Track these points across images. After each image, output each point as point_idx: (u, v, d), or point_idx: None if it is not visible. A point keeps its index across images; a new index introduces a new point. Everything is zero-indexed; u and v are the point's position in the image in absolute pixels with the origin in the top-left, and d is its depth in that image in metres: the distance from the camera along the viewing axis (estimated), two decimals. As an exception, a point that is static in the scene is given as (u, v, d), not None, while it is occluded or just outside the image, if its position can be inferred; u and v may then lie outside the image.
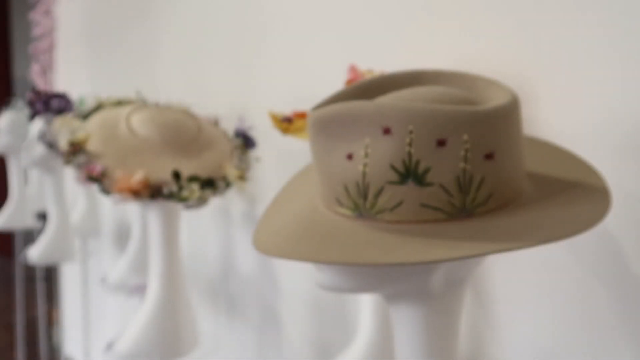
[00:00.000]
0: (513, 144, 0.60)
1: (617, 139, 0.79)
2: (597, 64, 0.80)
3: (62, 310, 2.75)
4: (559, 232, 0.55)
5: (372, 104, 0.57)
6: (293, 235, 0.62)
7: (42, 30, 3.65)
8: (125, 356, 1.29)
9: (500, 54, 0.93)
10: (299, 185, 0.76)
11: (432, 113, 0.55)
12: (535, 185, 0.64)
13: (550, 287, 0.89)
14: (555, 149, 0.75)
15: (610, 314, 0.82)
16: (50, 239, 2.19)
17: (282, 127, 1.04)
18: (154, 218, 1.32)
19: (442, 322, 0.65)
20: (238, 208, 1.71)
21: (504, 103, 0.58)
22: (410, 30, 1.09)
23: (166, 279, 1.33)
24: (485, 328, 0.99)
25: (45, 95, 2.03)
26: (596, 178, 0.66)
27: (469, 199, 0.57)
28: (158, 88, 2.07)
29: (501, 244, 0.55)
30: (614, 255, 0.81)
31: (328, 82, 1.13)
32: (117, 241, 2.63)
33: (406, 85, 0.67)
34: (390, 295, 0.66)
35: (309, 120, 0.61)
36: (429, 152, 0.56)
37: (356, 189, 0.59)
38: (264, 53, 1.54)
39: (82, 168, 1.19)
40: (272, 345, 1.61)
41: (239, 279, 1.74)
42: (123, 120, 1.29)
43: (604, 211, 0.58)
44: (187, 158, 1.28)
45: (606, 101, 0.80)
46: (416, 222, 0.58)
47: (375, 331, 1.03)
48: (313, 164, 0.64)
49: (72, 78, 3.26)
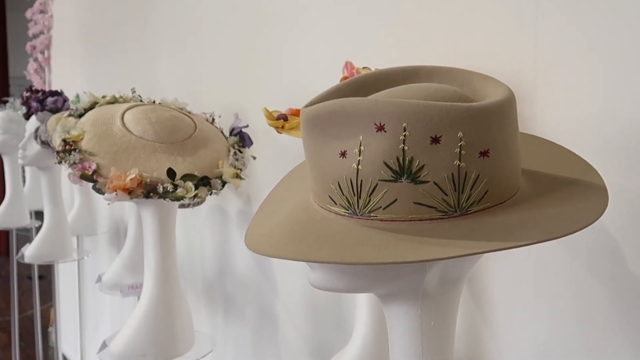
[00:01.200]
0: (509, 141, 0.59)
1: (613, 136, 0.78)
2: (594, 61, 0.79)
3: (58, 309, 2.74)
4: (555, 230, 0.54)
5: (365, 101, 0.56)
6: (285, 234, 0.61)
7: (38, 29, 3.64)
8: (119, 356, 1.28)
9: (497, 51, 0.92)
10: (293, 183, 0.75)
11: (427, 109, 0.54)
12: (532, 183, 0.63)
13: (547, 286, 0.88)
14: (552, 147, 0.74)
15: (608, 313, 0.81)
16: (46, 238, 2.19)
17: (277, 125, 1.03)
18: (148, 217, 1.31)
19: (436, 321, 0.64)
20: (234, 207, 1.71)
21: (499, 99, 0.58)
22: (406, 27, 1.08)
23: (161, 279, 1.32)
24: (482, 327, 0.98)
25: (40, 93, 2.02)
26: (593, 175, 0.65)
27: (463, 196, 0.56)
28: (154, 86, 2.06)
29: (496, 243, 0.54)
30: (610, 253, 0.80)
31: (324, 80, 1.12)
32: (113, 240, 2.62)
33: (401, 81, 0.66)
34: (385, 294, 0.65)
35: (302, 116, 0.60)
36: (423, 149, 0.55)
37: (349, 187, 0.58)
38: (260, 51, 1.53)
39: (75, 166, 1.18)
40: (268, 344, 1.60)
41: (235, 278, 1.73)
42: (117, 118, 1.28)
43: (602, 209, 0.58)
44: (182, 156, 1.27)
45: (603, 99, 0.79)
46: (410, 220, 0.57)
47: (372, 331, 1.03)
48: (306, 161, 0.63)
49: (69, 76, 3.25)
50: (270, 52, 1.49)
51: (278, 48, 1.46)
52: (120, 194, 1.16)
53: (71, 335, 3.16)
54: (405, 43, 1.09)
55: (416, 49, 1.06)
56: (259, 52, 1.53)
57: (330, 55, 1.27)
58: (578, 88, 0.82)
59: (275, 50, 1.47)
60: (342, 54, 1.17)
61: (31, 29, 3.68)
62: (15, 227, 2.76)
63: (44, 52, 3.64)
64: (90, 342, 2.84)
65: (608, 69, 0.78)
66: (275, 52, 1.47)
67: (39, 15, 3.62)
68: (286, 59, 1.43)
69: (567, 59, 0.82)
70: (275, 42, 1.47)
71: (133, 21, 2.33)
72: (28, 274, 3.05)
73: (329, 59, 1.27)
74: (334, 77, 1.12)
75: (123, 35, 2.46)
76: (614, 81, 0.78)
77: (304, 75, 1.37)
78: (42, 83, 3.64)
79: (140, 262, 1.57)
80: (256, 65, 1.54)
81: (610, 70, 0.78)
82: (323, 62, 1.30)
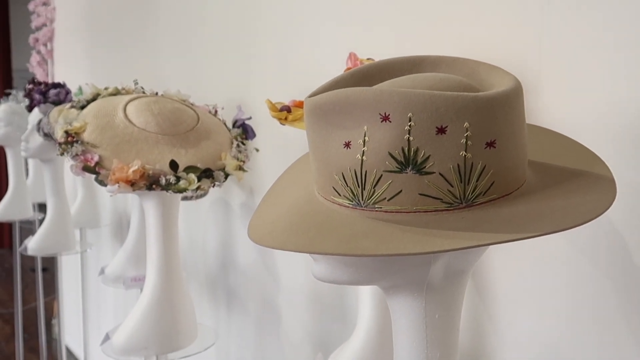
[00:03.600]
0: (515, 132, 0.58)
1: (620, 128, 0.77)
2: (600, 52, 0.78)
3: (61, 301, 2.75)
4: (562, 222, 0.53)
5: (370, 90, 0.55)
6: (288, 226, 0.60)
7: (41, 21, 3.63)
8: (122, 349, 1.27)
9: (503, 42, 0.91)
10: (296, 174, 0.74)
11: (432, 99, 0.53)
12: (538, 174, 0.62)
13: (552, 280, 0.87)
14: (559, 138, 0.73)
15: (613, 306, 0.80)
16: (49, 230, 2.18)
17: (280, 117, 1.02)
18: (151, 209, 1.30)
19: (441, 314, 0.64)
20: (237, 199, 1.70)
21: (506, 89, 0.57)
22: (411, 17, 1.07)
23: (163, 271, 1.32)
24: (486, 321, 0.98)
25: (43, 85, 2.02)
26: (601, 167, 0.64)
27: (469, 188, 0.55)
28: (157, 78, 2.06)
29: (502, 235, 0.53)
30: (617, 247, 0.79)
31: (328, 71, 1.11)
32: (116, 233, 2.62)
33: (406, 71, 0.65)
34: (389, 287, 0.64)
35: (306, 106, 0.59)
36: (428, 140, 0.54)
37: (354, 178, 0.57)
38: (263, 43, 1.52)
39: (78, 158, 1.18)
40: (271, 337, 1.60)
41: (238, 271, 1.73)
42: (120, 110, 1.27)
43: (610, 201, 0.57)
44: (185, 148, 1.26)
45: (610, 90, 0.78)
46: (415, 212, 0.56)
47: (375, 324, 1.02)
48: (310, 152, 0.63)
49: (71, 69, 3.24)
50: (273, 43, 1.48)
51: (282, 39, 1.45)
52: (123, 186, 1.16)
53: (74, 328, 3.17)
54: (410, 33, 1.08)
55: (421, 39, 1.05)
56: (263, 43, 1.52)
57: (335, 47, 1.26)
58: (584, 79, 0.81)
59: (279, 42, 1.46)
60: (346, 45, 1.16)
61: (34, 21, 3.67)
62: (18, 219, 2.76)
63: (47, 45, 3.63)
64: (93, 334, 2.84)
65: (615, 59, 0.77)
66: (279, 43, 1.46)
67: (42, 8, 3.61)
68: (290, 51, 1.42)
69: (573, 49, 0.81)
70: (278, 34, 1.46)
71: (136, 13, 2.32)
72: (32, 267, 3.05)
73: (333, 50, 1.26)
74: (338, 68, 1.11)
75: (126, 27, 2.45)
76: (620, 72, 0.77)
77: (308, 66, 1.36)
78: (45, 75, 3.63)
79: (143, 255, 1.57)
80: (259, 57, 1.53)
81: (617, 61, 0.77)
82: (327, 54, 1.29)
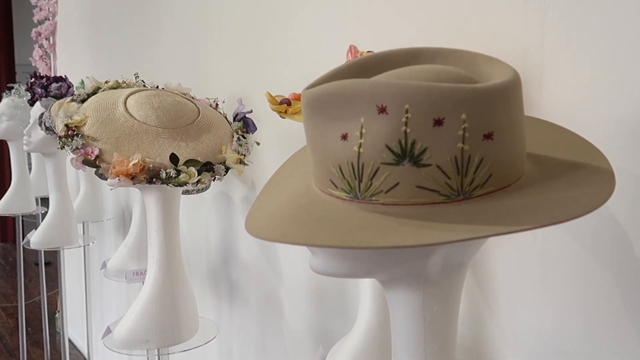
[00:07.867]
0: (514, 124, 0.57)
1: (621, 120, 0.76)
2: (602, 44, 0.78)
3: (64, 295, 2.76)
4: (560, 214, 0.53)
5: (367, 82, 0.55)
6: (286, 219, 0.60)
7: (43, 15, 3.63)
8: (123, 342, 1.28)
9: (504, 34, 0.90)
10: (294, 167, 0.74)
11: (429, 91, 0.53)
12: (537, 167, 0.62)
13: (553, 273, 0.87)
14: (558, 130, 0.72)
15: (613, 299, 0.80)
16: (52, 224, 2.19)
17: (280, 110, 1.02)
18: (152, 203, 1.30)
19: (439, 308, 0.63)
20: (239, 193, 1.70)
21: (504, 81, 0.56)
22: (411, 9, 1.06)
23: (165, 265, 1.32)
24: (486, 314, 0.98)
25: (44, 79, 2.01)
26: (601, 159, 0.64)
27: (467, 180, 0.55)
28: (158, 71, 2.05)
29: (500, 227, 0.52)
30: (616, 239, 0.79)
31: (328, 64, 1.11)
32: (119, 227, 2.63)
33: (404, 63, 0.65)
34: (387, 280, 0.64)
35: (303, 98, 0.59)
36: (425, 132, 0.53)
37: (351, 170, 0.57)
38: (264, 36, 1.52)
39: (78, 151, 1.18)
40: (273, 330, 1.60)
41: (240, 265, 1.73)
42: (120, 103, 1.27)
43: (608, 193, 0.56)
44: (186, 141, 1.26)
45: (610, 82, 0.77)
46: (412, 204, 0.56)
47: (376, 317, 1.02)
48: (307, 144, 0.62)
49: (74, 62, 3.24)
50: (274, 36, 1.47)
51: (282, 33, 1.44)
52: (123, 180, 1.16)
53: (78, 321, 3.18)
54: (410, 25, 1.07)
55: (421, 31, 1.05)
56: (263, 37, 1.52)
57: (335, 39, 1.25)
58: (586, 71, 0.80)
59: (280, 35, 1.45)
60: (347, 37, 1.15)
61: (36, 15, 3.67)
62: (21, 213, 2.76)
63: (49, 39, 3.63)
64: (96, 327, 2.85)
65: (617, 52, 0.76)
66: (280, 36, 1.45)
67: (44, 2, 3.61)
68: (290, 44, 1.42)
69: (575, 41, 0.81)
70: (279, 27, 1.45)
71: (137, 7, 2.32)
72: (35, 261, 3.06)
73: (333, 43, 1.26)
74: (338, 61, 1.11)
75: (127, 20, 2.45)
76: (622, 65, 0.76)
77: (309, 59, 1.35)
78: (47, 69, 3.63)
79: (144, 249, 1.57)
80: (260, 51, 1.53)
81: (619, 54, 0.76)
82: (327, 46, 1.28)
